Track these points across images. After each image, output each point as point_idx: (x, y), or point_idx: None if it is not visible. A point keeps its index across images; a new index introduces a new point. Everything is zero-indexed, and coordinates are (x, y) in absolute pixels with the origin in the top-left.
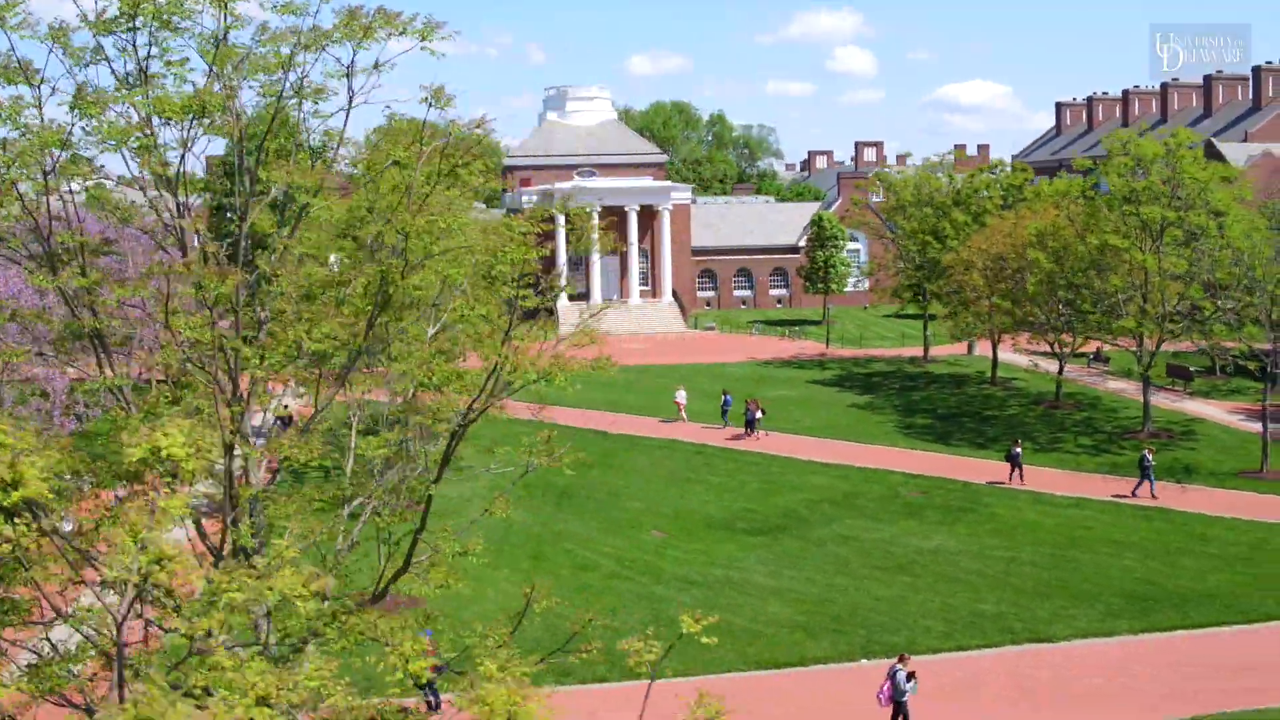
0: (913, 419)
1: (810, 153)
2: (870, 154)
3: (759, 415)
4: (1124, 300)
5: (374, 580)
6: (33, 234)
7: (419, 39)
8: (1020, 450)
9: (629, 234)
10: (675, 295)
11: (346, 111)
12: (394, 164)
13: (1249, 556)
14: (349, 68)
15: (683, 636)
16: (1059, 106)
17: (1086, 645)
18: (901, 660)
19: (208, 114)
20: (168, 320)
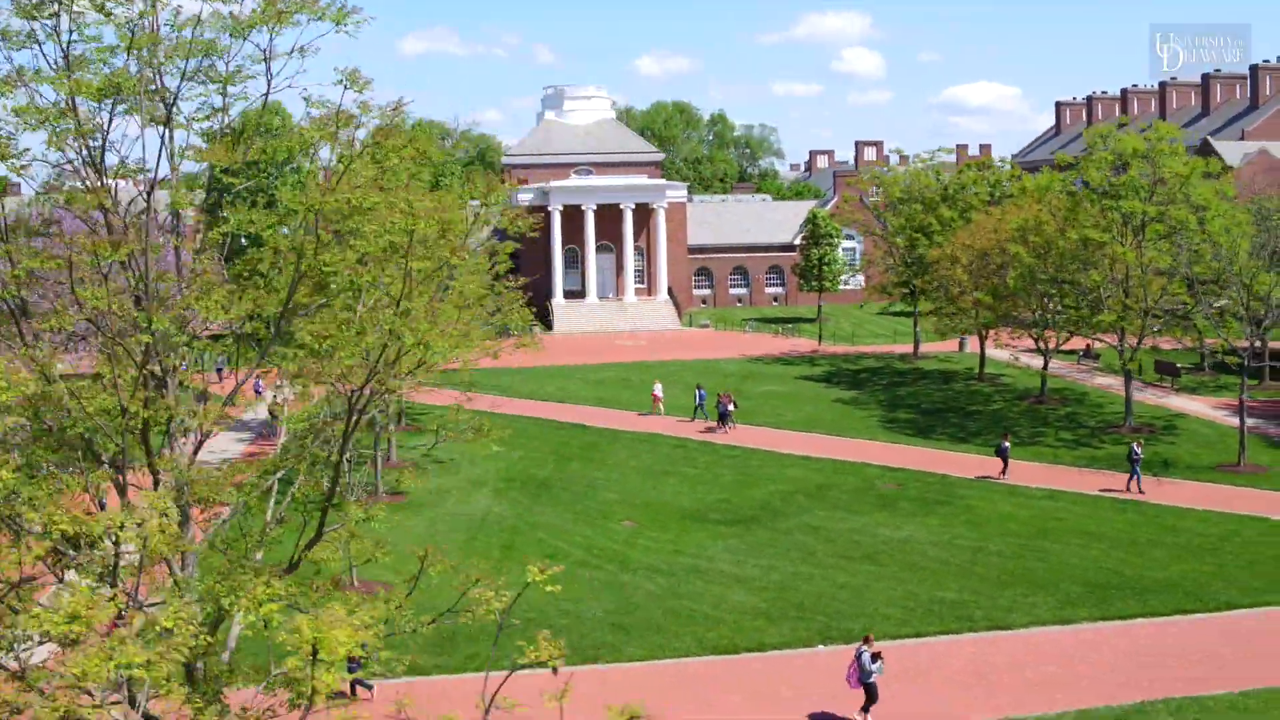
0: (896, 414)
1: (812, 152)
2: (871, 153)
3: (731, 408)
4: (1105, 295)
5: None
6: None
7: (334, 24)
8: (1009, 445)
9: (624, 232)
10: (670, 293)
11: (265, 96)
12: (304, 149)
13: (1215, 547)
14: (266, 52)
15: (529, 585)
16: (1059, 106)
17: (1044, 633)
18: (866, 642)
19: (124, 95)
20: (72, 287)
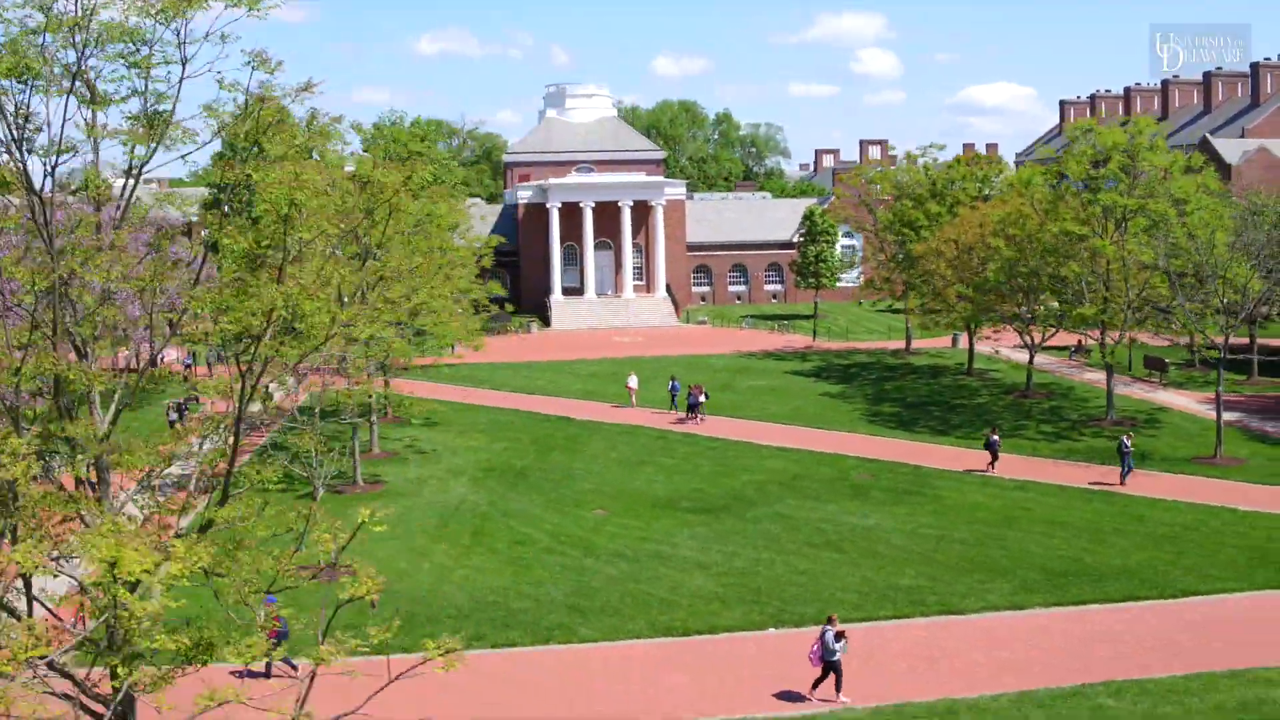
0: (880, 407)
1: (817, 151)
2: (875, 152)
3: (702, 400)
4: (1086, 288)
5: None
6: None
7: (247, 8)
8: (999, 439)
9: (623, 229)
10: (669, 290)
11: (180, 81)
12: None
13: (1178, 536)
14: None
15: (362, 525)
16: (1063, 104)
17: (997, 617)
18: (830, 621)
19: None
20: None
